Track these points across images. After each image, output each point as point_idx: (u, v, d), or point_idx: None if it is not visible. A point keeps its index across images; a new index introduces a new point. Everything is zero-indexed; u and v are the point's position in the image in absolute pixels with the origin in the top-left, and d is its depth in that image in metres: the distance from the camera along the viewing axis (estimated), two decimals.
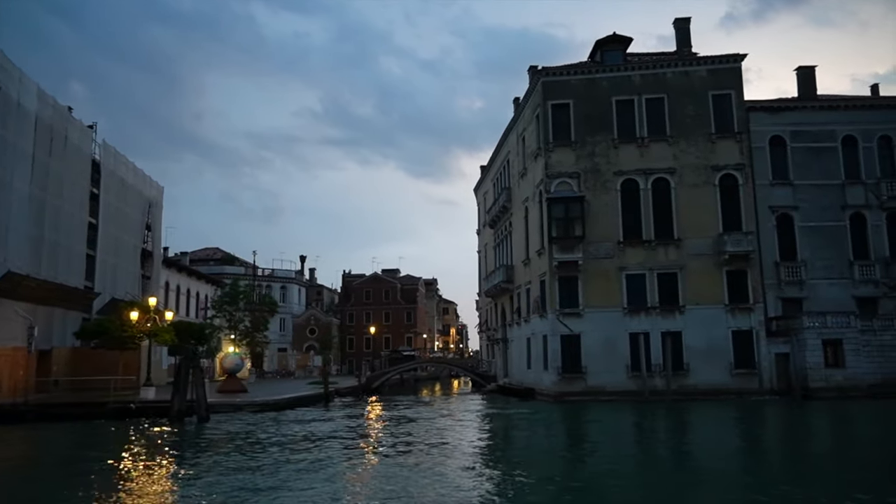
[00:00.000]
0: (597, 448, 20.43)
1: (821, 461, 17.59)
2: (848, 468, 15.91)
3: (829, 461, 17.36)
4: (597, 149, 37.59)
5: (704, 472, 15.92)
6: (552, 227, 36.57)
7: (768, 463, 17.30)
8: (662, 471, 16.30)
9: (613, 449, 20.12)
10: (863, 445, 20.69)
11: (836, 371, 34.80)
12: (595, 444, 21.67)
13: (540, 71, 38.63)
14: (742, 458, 18.48)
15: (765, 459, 18.14)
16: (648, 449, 20.64)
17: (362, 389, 50.44)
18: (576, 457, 18.85)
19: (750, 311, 35.77)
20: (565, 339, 36.20)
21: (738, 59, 37.76)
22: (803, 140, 39.47)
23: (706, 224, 36.41)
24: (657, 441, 22.51)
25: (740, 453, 19.30)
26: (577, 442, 22.49)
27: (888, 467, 16.10)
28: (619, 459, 17.80)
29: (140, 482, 14.67)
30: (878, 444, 21.10)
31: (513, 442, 22.73)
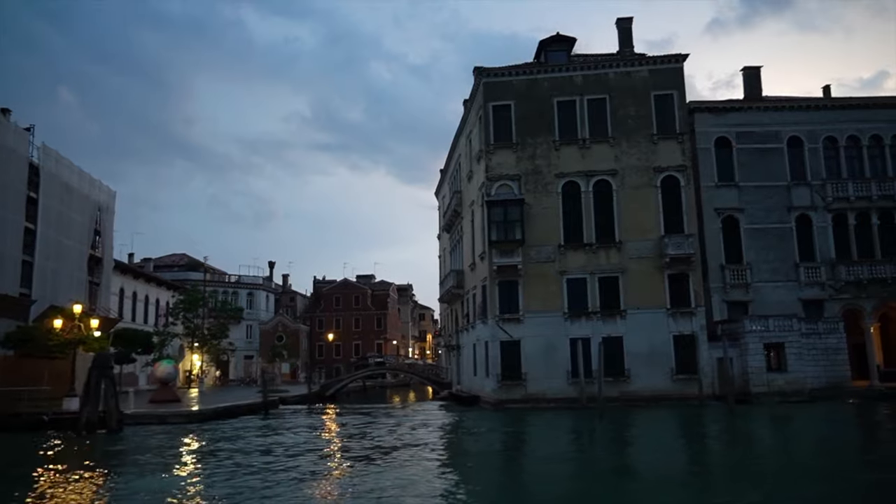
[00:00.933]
0: (504, 460, 19.66)
1: (727, 467, 16.93)
2: (752, 473, 15.24)
3: (737, 467, 16.70)
4: (538, 150, 36.97)
5: (619, 480, 15.25)
6: (491, 230, 35.86)
7: (672, 470, 16.59)
8: (576, 482, 15.56)
9: (529, 461, 19.36)
10: (779, 449, 20.04)
11: (777, 375, 34.26)
12: (507, 454, 20.89)
13: (482, 71, 38.00)
14: (648, 465, 17.74)
15: (670, 466, 17.43)
16: (568, 460, 19.84)
17: (317, 397, 49.55)
18: (472, 472, 18.05)
19: (692, 315, 35.17)
20: (505, 345, 35.47)
21: (680, 59, 37.28)
22: (749, 141, 39.04)
23: (648, 227, 35.83)
24: (578, 451, 21.72)
25: (651, 460, 18.57)
26: (488, 454, 21.67)
27: (786, 471, 15.45)
28: (533, 474, 17.04)
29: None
30: (792, 447, 20.45)
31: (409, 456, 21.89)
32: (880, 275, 37.55)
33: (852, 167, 39.53)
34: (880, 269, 37.64)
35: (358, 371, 60.07)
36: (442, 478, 15.63)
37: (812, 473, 15.72)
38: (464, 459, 19.56)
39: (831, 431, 24.41)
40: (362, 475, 15.69)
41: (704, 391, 34.20)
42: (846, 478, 14.94)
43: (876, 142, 39.52)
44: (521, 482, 15.86)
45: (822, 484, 14.31)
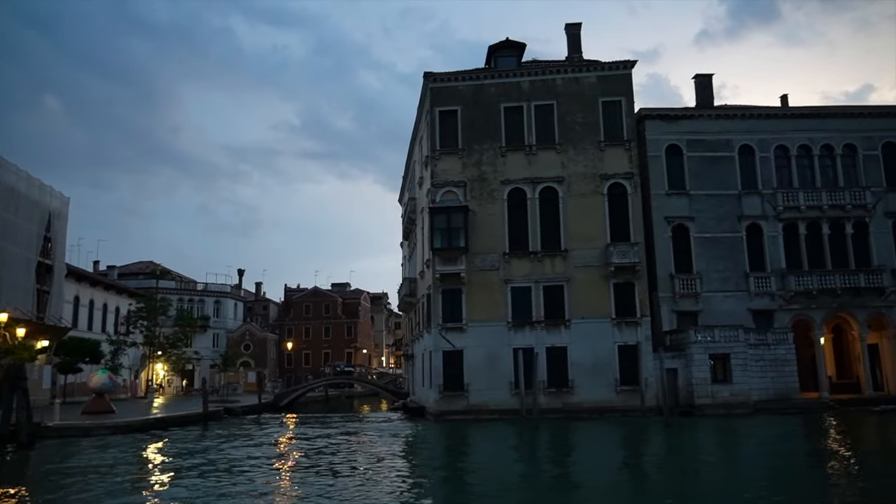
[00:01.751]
0: (405, 470, 18.82)
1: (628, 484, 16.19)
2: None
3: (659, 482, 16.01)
4: (484, 157, 36.36)
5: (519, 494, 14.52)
6: (434, 237, 35.14)
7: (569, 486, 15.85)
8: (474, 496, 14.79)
9: (441, 474, 18.53)
10: (704, 463, 19.35)
11: (722, 387, 33.64)
12: (422, 467, 20.06)
13: (428, 76, 37.40)
14: (551, 480, 16.99)
15: (570, 482, 16.69)
16: (472, 472, 19.06)
17: (270, 407, 48.51)
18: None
19: (637, 324, 34.54)
20: (447, 354, 34.70)
21: (629, 65, 36.85)
22: (700, 149, 38.59)
23: (594, 235, 35.24)
24: (504, 464, 20.90)
25: (556, 475, 17.85)
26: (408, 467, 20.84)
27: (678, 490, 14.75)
28: (424, 487, 16.21)
29: None
30: (703, 464, 19.76)
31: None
32: (830, 285, 37.09)
33: (804, 176, 39.16)
34: (830, 279, 37.20)
35: (314, 381, 58.86)
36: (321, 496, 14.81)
37: (706, 494, 15.03)
38: (356, 473, 18.71)
39: (757, 447, 23.73)
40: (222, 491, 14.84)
41: (649, 403, 33.56)
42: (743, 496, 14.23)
43: (827, 151, 39.18)
44: (405, 496, 15.07)
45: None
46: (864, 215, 38.27)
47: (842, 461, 19.24)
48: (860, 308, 37.48)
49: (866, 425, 28.38)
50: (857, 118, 39.30)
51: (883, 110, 39.62)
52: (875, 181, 38.80)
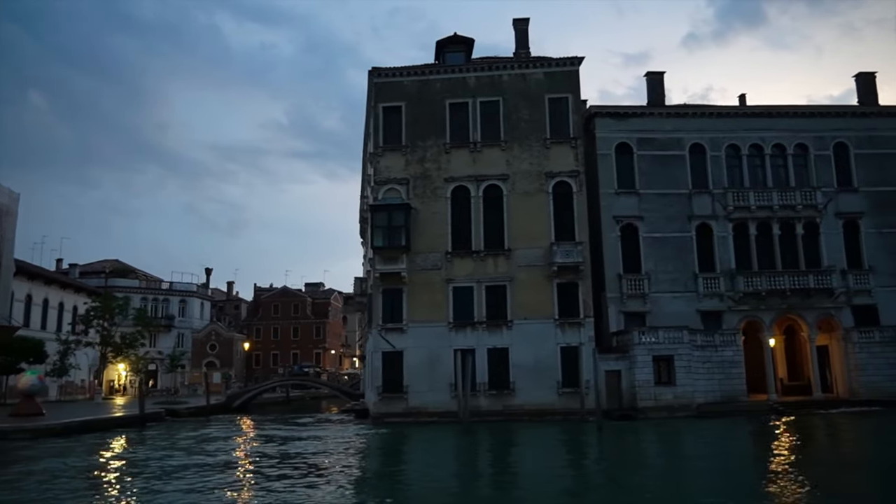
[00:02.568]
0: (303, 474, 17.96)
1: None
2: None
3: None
4: (428, 154, 35.58)
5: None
6: (375, 236, 34.34)
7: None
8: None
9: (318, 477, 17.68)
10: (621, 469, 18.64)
11: (666, 389, 33.01)
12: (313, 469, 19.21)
13: (372, 71, 36.58)
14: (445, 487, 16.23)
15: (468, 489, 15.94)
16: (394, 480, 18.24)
17: (221, 408, 47.50)
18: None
19: (580, 325, 33.87)
20: (387, 356, 33.89)
21: (576, 62, 36.17)
22: (650, 148, 38.03)
23: (538, 234, 34.53)
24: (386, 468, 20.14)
25: (452, 482, 17.08)
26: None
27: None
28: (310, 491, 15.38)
29: None
30: (615, 468, 19.04)
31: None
32: (779, 286, 36.59)
33: (755, 176, 38.68)
34: (779, 280, 36.70)
35: (266, 382, 57.70)
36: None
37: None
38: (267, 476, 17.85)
39: (680, 451, 23.09)
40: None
41: (590, 406, 32.80)
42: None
43: (779, 150, 38.72)
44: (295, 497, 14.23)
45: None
46: (814, 216, 37.83)
47: (758, 464, 18.64)
48: (809, 309, 37.02)
49: (802, 428, 27.78)
50: (809, 118, 38.87)
51: (834, 110, 39.23)
52: (826, 181, 38.38)
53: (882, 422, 29.83)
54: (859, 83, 40.43)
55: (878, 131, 39.00)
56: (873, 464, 19.06)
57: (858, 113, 39.18)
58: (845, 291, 37.25)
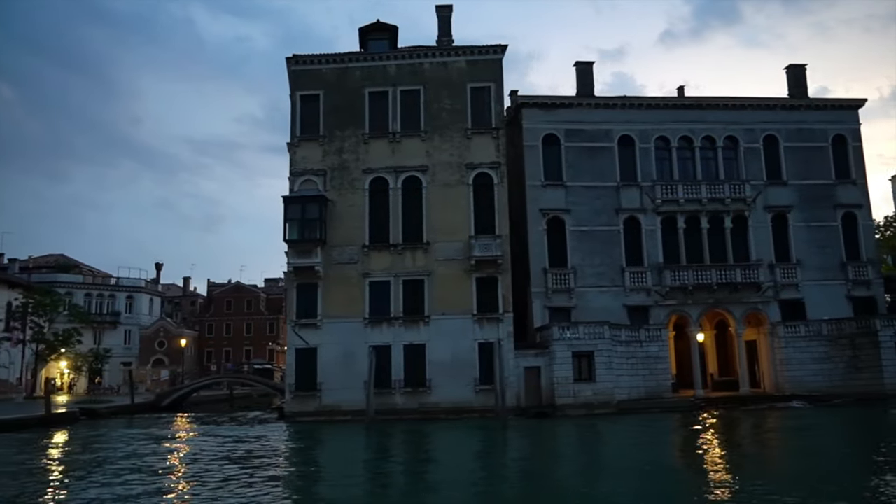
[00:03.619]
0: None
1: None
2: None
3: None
4: (346, 144, 34.46)
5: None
6: (289, 229, 33.16)
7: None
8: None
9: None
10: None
11: (585, 386, 32.26)
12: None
13: (291, 59, 35.33)
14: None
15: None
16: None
17: (149, 407, 46.01)
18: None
19: (499, 321, 33.00)
20: (301, 352, 32.79)
21: (499, 50, 35.24)
22: (578, 139, 37.24)
23: (458, 227, 33.59)
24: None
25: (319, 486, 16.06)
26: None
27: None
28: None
29: None
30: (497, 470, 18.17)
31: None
32: (706, 280, 36.03)
33: (685, 169, 38.09)
34: (706, 274, 36.13)
35: (198, 380, 56.10)
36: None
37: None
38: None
39: (560, 450, 22.28)
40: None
41: (509, 404, 32.07)
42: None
43: (709, 143, 38.18)
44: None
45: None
46: (743, 209, 37.34)
47: (642, 464, 17.89)
48: (737, 304, 36.55)
49: (708, 427, 27.17)
50: (739, 110, 38.37)
51: (764, 102, 38.69)
52: (755, 174, 37.92)
53: (789, 417, 29.33)
54: (790, 76, 40.01)
55: (808, 124, 38.64)
56: (739, 459, 18.40)
57: (788, 106, 38.74)
58: (773, 286, 36.85)
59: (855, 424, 27.08)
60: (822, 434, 24.58)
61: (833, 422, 27.50)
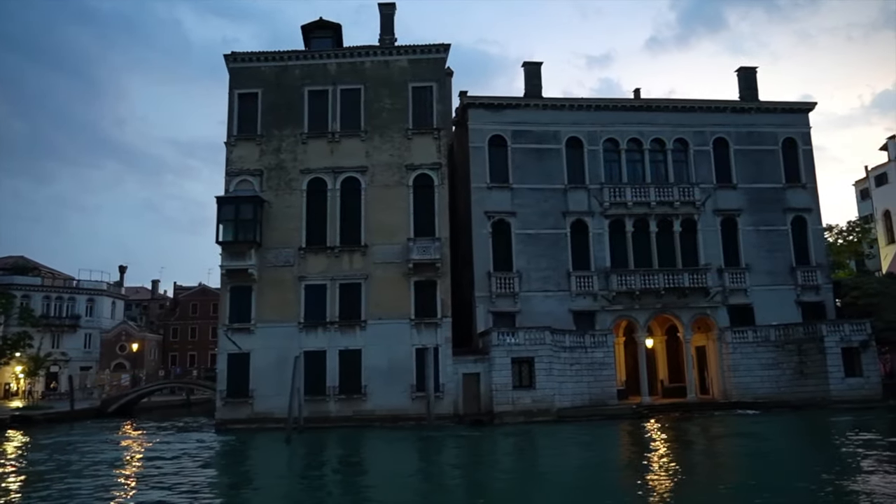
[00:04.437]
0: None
1: None
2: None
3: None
4: (284, 144, 33.56)
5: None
6: (220, 230, 32.17)
7: None
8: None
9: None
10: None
11: (524, 393, 31.45)
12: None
13: (230, 56, 34.41)
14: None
15: None
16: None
17: (94, 413, 44.75)
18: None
19: (437, 326, 32.18)
20: (233, 358, 31.79)
21: (442, 49, 34.49)
22: (525, 141, 36.57)
23: (397, 229, 32.76)
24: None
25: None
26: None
27: None
28: None
29: None
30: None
31: None
32: (654, 285, 35.44)
33: (634, 171, 37.53)
34: (654, 279, 35.54)
35: (146, 385, 54.72)
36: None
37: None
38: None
39: (485, 461, 21.48)
40: None
41: (446, 411, 31.28)
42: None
43: (658, 145, 37.62)
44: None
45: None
46: (692, 213, 36.82)
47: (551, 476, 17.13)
48: (685, 309, 35.99)
49: (651, 434, 26.51)
50: (689, 112, 37.89)
51: (714, 104, 38.22)
52: (705, 177, 37.43)
53: (725, 425, 28.71)
54: (740, 78, 39.57)
55: (758, 127, 38.22)
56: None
57: (738, 108, 38.30)
58: (721, 291, 36.32)
59: (787, 434, 26.44)
60: (751, 443, 23.94)
61: (768, 430, 26.86)
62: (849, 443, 21.94)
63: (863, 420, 27.91)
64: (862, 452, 19.44)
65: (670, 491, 14.26)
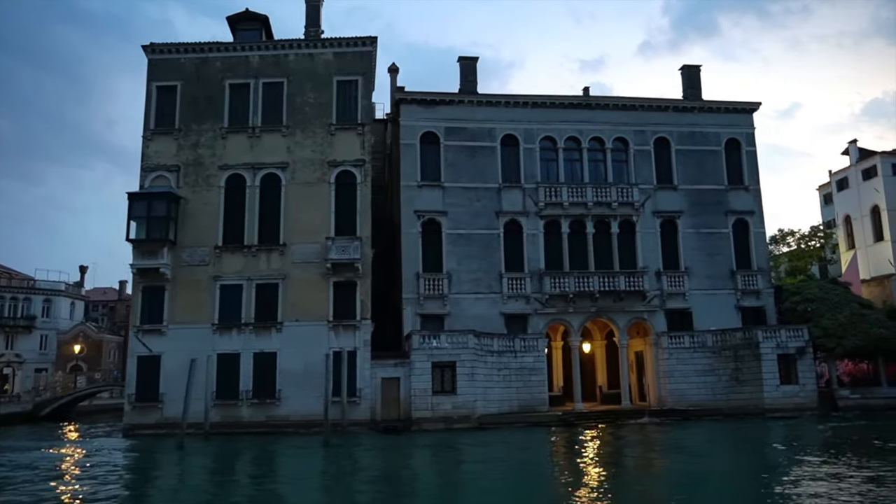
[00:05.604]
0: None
1: None
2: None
3: None
4: (202, 139, 32.37)
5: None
6: (132, 227, 30.92)
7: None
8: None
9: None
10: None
11: (445, 398, 30.28)
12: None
13: (148, 47, 33.22)
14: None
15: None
16: None
17: (24, 417, 43.33)
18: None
19: (355, 328, 30.98)
20: (143, 360, 30.52)
21: (369, 42, 33.40)
22: (459, 138, 35.48)
23: (317, 228, 31.59)
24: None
25: None
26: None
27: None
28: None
29: None
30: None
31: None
32: (589, 288, 34.33)
33: (572, 171, 36.47)
34: (589, 281, 34.43)
35: (80, 388, 53.34)
36: None
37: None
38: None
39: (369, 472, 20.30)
40: None
41: (362, 417, 30.12)
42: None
43: (598, 144, 36.59)
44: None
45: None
46: (631, 214, 35.78)
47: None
48: (621, 313, 34.91)
49: (569, 442, 25.37)
50: (629, 111, 36.86)
51: (656, 103, 37.19)
52: (645, 178, 36.40)
53: (639, 433, 27.58)
54: (684, 77, 38.58)
55: (701, 127, 37.25)
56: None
57: (681, 108, 37.30)
58: (659, 294, 35.27)
59: (693, 443, 25.28)
60: (658, 453, 22.85)
61: (681, 440, 25.77)
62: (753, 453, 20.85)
63: (779, 429, 26.91)
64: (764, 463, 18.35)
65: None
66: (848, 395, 33.77)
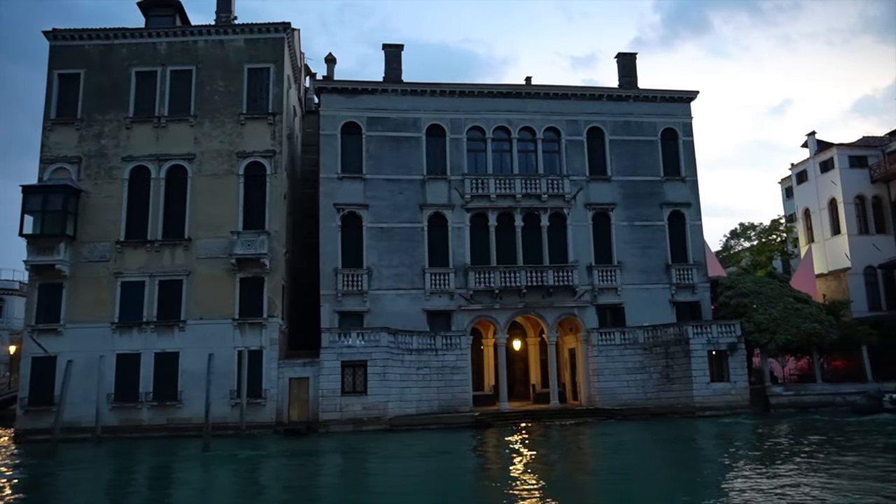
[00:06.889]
0: None
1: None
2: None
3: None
4: (106, 129, 30.90)
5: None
6: (28, 222, 29.47)
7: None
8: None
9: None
10: None
11: (354, 399, 28.94)
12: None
13: (50, 33, 31.72)
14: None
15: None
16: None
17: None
18: None
19: (262, 327, 29.59)
20: (38, 362, 29.05)
21: (281, 28, 31.97)
22: (382, 128, 34.11)
23: (224, 222, 30.17)
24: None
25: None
26: None
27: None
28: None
29: None
30: None
31: None
32: (515, 283, 33.02)
33: (501, 162, 35.14)
34: (516, 276, 33.12)
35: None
36: None
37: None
38: None
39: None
40: None
41: (268, 419, 28.75)
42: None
43: (529, 134, 35.26)
44: None
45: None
46: (562, 206, 34.49)
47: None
48: (549, 309, 33.62)
49: (476, 445, 24.06)
50: (562, 100, 35.56)
51: (589, 92, 35.96)
52: (577, 169, 35.11)
53: (557, 434, 26.27)
54: (619, 65, 37.25)
55: (636, 116, 35.97)
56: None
57: (615, 97, 35.99)
58: (590, 289, 34.00)
59: (604, 445, 24.03)
60: (558, 455, 21.55)
61: (596, 441, 24.50)
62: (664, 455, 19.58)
63: (703, 429, 25.66)
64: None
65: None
66: (781, 392, 32.59)
